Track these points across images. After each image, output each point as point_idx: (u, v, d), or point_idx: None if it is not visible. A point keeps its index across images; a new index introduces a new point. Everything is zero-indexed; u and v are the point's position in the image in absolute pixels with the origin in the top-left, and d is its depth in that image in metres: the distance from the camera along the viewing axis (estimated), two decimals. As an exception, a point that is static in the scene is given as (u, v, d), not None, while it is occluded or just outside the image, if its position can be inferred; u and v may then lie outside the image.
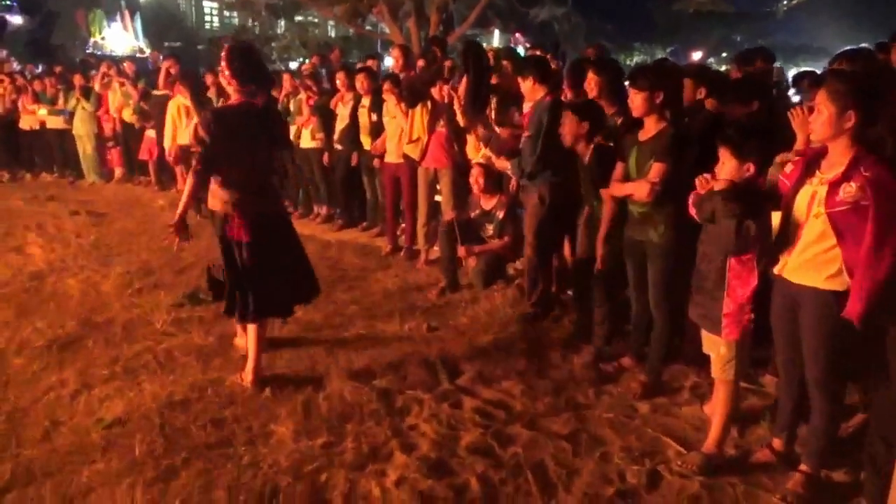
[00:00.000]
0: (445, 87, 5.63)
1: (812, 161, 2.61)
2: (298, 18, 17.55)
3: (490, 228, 5.41)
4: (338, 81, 7.03)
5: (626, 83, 3.52)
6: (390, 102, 6.06)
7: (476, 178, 5.35)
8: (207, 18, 40.24)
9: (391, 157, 6.14)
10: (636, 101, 3.40)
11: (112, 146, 9.85)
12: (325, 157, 7.24)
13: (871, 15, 23.44)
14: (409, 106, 5.91)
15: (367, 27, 13.28)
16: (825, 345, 2.61)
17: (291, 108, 7.46)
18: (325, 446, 3.07)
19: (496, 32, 27.99)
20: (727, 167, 2.77)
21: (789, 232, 2.66)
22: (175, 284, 5.33)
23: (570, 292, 4.99)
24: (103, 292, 5.12)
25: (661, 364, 3.70)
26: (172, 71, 8.50)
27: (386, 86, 6.10)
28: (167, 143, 8.11)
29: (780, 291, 2.76)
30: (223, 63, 3.42)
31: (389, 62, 7.96)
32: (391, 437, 3.15)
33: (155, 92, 8.64)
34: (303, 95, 7.30)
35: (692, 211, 2.96)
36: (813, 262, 2.58)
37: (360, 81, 6.66)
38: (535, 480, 2.83)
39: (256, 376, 3.63)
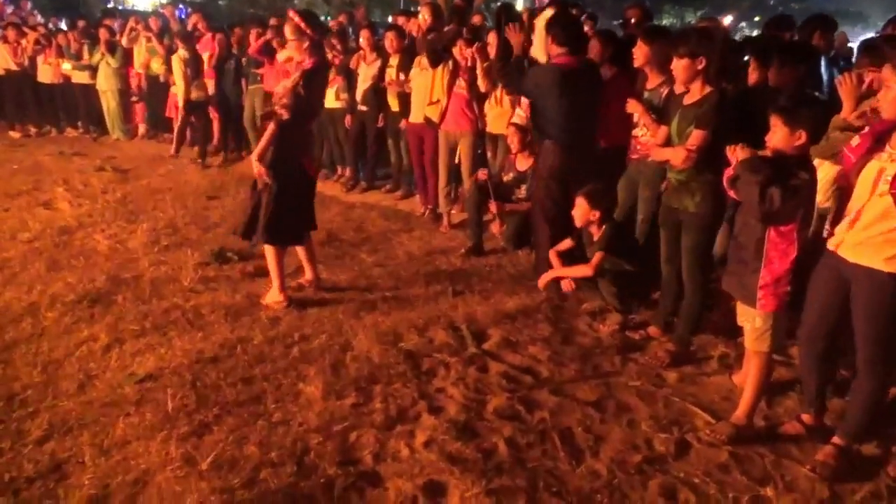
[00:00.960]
0: (469, 49, 5.52)
1: (883, 134, 2.50)
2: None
3: (523, 190, 5.37)
4: (361, 40, 6.92)
5: None
6: (424, 60, 5.92)
7: (511, 138, 5.31)
8: (228, -26, 39.69)
9: (416, 118, 6.07)
10: (678, 68, 3.31)
11: (136, 101, 9.83)
12: (349, 119, 7.17)
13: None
14: (431, 66, 5.81)
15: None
16: (878, 326, 2.56)
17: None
18: (354, 406, 3.09)
19: (521, -8, 27.35)
20: (778, 135, 2.69)
21: (851, 208, 2.57)
22: (201, 242, 5.36)
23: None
24: (131, 249, 5.16)
25: (691, 333, 3.67)
26: (200, 26, 8.46)
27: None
28: (180, 98, 8.12)
29: (830, 266, 2.69)
30: (302, 24, 3.81)
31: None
32: (419, 399, 3.17)
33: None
34: (328, 54, 7.18)
35: (728, 190, 2.90)
36: (873, 242, 2.50)
37: (390, 40, 6.55)
38: (562, 445, 2.84)
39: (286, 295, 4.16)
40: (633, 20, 5.23)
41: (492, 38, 5.57)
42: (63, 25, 12.05)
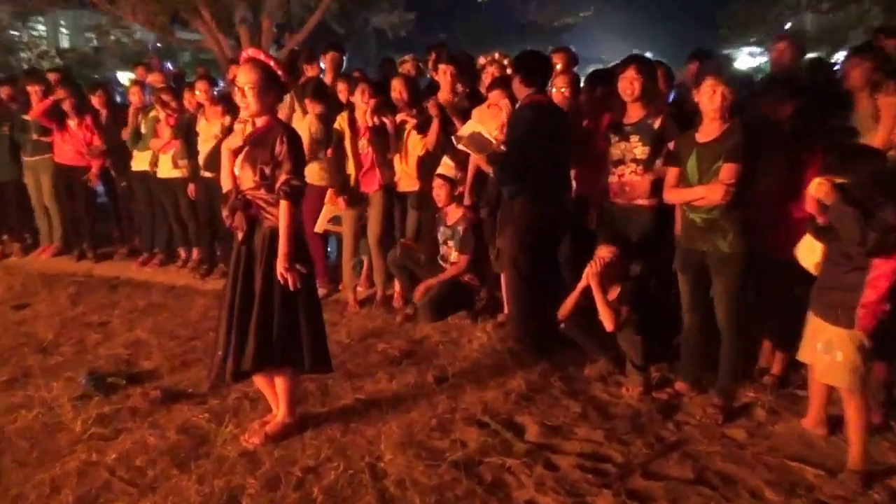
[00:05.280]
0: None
1: None
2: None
3: (451, 246, 5.15)
4: (198, 93, 6.16)
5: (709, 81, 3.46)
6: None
7: (437, 191, 5.08)
8: None
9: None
10: (725, 100, 3.38)
11: None
12: (192, 189, 6.31)
13: (651, 29, 27.06)
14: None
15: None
16: None
17: (143, 129, 6.42)
18: (452, 550, 2.56)
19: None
20: None
21: None
22: (54, 370, 4.24)
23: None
24: (-45, 395, 3.89)
25: (735, 384, 3.68)
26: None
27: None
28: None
29: None
30: (279, 71, 3.15)
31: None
32: (521, 519, 2.73)
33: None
34: (159, 113, 6.30)
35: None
36: None
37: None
38: (714, 539, 2.62)
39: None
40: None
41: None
42: None
